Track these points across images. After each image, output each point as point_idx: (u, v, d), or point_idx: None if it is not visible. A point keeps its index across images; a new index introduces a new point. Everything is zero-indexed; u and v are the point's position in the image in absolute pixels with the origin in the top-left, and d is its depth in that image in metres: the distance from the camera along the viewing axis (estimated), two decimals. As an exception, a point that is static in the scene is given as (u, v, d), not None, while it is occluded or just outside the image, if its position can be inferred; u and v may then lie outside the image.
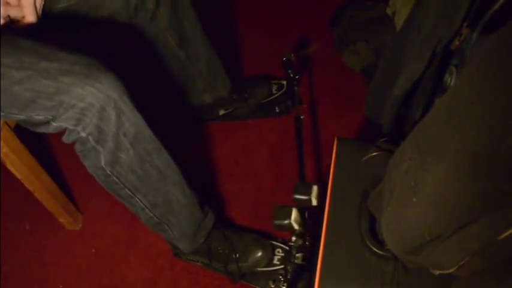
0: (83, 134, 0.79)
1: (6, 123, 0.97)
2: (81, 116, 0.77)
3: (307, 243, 0.95)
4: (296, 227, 0.90)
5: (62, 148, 1.42)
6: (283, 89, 1.41)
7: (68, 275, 1.21)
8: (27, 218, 1.31)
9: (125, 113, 0.80)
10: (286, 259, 1.07)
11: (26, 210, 1.31)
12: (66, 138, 0.82)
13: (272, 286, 1.02)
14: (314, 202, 0.89)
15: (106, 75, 0.79)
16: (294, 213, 0.89)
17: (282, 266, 1.08)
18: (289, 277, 0.95)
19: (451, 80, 0.80)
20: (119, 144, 0.82)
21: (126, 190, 0.89)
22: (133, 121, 0.82)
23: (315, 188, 0.89)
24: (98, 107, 0.77)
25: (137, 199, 0.92)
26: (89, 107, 0.76)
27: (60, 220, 1.24)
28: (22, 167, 1.05)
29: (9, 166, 1.02)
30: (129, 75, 0.85)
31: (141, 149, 0.86)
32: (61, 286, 1.19)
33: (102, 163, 0.83)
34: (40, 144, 1.43)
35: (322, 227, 0.77)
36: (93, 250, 1.24)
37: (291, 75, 1.19)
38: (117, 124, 0.80)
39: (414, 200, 0.57)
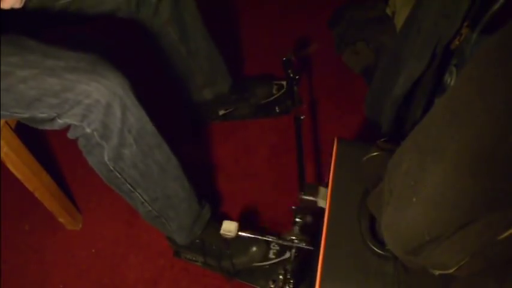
0: (88, 130, 0.79)
1: (7, 123, 0.97)
2: (86, 113, 0.78)
3: (302, 244, 0.95)
4: (229, 235, 0.98)
5: (62, 148, 1.42)
6: (284, 89, 1.41)
7: (68, 275, 1.21)
8: (27, 218, 1.31)
9: (130, 109, 0.81)
10: (286, 259, 1.07)
11: (26, 210, 1.31)
12: (70, 134, 0.82)
13: (272, 286, 1.01)
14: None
15: (111, 71, 0.79)
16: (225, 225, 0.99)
17: (278, 260, 1.08)
18: (289, 277, 0.95)
19: (451, 80, 0.80)
20: (123, 140, 0.82)
21: (128, 185, 0.90)
22: (137, 117, 0.83)
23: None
24: (103, 103, 0.77)
25: (137, 194, 0.93)
26: (95, 103, 0.77)
27: (60, 220, 1.24)
28: (22, 167, 1.04)
29: (10, 166, 1.02)
30: (130, 71, 0.84)
31: (144, 144, 0.86)
32: (61, 286, 1.19)
33: (106, 159, 0.83)
34: (40, 144, 1.43)
35: (322, 227, 0.78)
36: (93, 250, 1.24)
37: (291, 75, 1.19)
38: (122, 120, 0.80)
39: (414, 200, 0.57)
